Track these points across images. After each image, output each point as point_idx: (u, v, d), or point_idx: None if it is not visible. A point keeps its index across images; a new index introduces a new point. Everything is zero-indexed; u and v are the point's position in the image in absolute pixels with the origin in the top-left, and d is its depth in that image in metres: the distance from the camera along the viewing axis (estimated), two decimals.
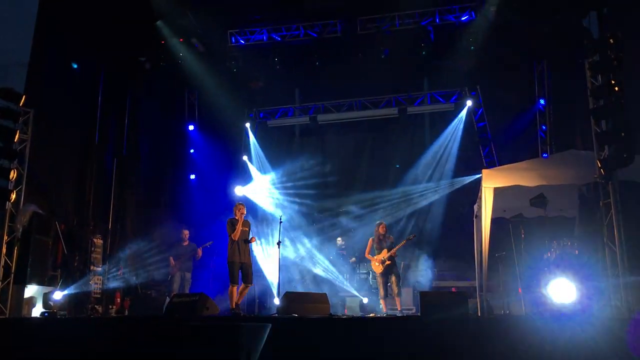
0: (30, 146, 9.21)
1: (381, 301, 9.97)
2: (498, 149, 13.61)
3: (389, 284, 9.88)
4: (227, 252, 8.62)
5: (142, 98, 14.54)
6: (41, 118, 9.70)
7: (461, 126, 14.01)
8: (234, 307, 8.44)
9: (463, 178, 13.13)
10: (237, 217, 8.67)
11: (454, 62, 13.26)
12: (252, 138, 15.45)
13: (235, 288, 8.48)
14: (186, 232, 11.86)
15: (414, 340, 6.49)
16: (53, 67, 11.73)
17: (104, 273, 11.88)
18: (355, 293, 11.65)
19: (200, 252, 11.60)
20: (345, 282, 12.32)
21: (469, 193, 12.30)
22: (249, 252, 8.72)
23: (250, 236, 8.80)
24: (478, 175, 9.51)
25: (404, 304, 10.46)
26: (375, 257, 9.89)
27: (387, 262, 9.76)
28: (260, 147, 15.45)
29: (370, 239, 10.12)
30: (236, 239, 8.55)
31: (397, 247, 9.98)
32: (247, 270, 8.59)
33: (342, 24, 13.32)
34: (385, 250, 9.81)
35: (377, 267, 9.90)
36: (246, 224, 8.77)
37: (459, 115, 14.05)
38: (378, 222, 10.24)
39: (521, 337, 6.25)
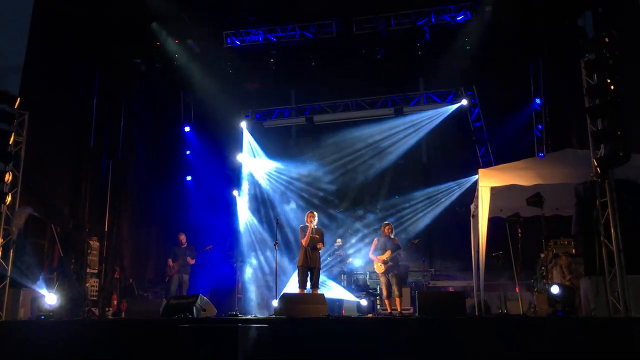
0: (25, 148, 9.15)
1: (385, 301, 10.00)
2: (494, 148, 13.55)
3: (391, 285, 9.90)
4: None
5: (137, 100, 14.46)
6: (36, 120, 9.62)
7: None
8: None
9: (462, 180, 13.00)
10: (307, 224, 9.28)
11: (450, 62, 13.29)
12: (249, 137, 15.33)
13: (302, 291, 9.01)
14: (182, 236, 11.86)
15: (411, 341, 6.49)
16: (48, 69, 11.66)
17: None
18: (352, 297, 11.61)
19: (192, 259, 11.66)
20: (341, 284, 12.29)
21: (465, 193, 12.33)
22: (318, 258, 9.25)
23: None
24: (475, 176, 9.51)
25: (402, 304, 10.47)
26: (378, 257, 9.92)
27: (389, 263, 9.79)
28: (258, 146, 15.40)
29: (375, 239, 10.15)
30: (305, 244, 9.15)
31: (400, 249, 10.02)
32: (315, 274, 9.07)
33: (338, 24, 13.30)
34: (389, 251, 9.84)
35: (379, 267, 9.95)
36: (317, 231, 9.32)
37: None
38: (385, 222, 10.27)
39: (519, 337, 6.26)
